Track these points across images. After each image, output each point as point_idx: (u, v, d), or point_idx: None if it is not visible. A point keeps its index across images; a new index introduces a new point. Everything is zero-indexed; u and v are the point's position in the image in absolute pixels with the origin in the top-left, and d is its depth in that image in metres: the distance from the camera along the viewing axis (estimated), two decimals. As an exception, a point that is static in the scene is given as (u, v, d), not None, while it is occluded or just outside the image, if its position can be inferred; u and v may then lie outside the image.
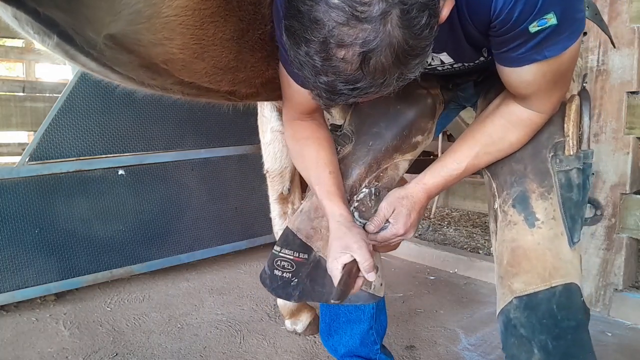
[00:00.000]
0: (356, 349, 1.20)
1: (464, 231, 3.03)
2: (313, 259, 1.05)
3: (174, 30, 0.80)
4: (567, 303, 0.83)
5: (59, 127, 1.91)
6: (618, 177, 1.78)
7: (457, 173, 0.92)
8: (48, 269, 1.89)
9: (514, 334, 0.86)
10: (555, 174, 0.87)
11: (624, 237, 1.78)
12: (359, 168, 1.04)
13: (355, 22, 0.59)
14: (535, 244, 0.85)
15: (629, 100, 1.74)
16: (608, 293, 1.82)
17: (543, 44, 0.72)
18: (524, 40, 0.72)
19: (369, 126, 1.06)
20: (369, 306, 1.16)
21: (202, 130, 2.31)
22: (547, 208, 0.86)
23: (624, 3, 1.71)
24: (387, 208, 0.93)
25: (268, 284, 1.07)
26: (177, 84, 0.97)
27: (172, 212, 2.23)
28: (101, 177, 2.02)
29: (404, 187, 0.95)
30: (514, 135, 0.87)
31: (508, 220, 0.89)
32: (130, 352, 1.57)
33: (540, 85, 0.79)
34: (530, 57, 0.74)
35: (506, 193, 0.90)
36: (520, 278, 0.85)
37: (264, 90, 1.08)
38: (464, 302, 2.00)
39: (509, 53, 0.76)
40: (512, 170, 0.91)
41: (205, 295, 2.06)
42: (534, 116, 0.85)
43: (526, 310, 0.84)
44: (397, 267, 2.45)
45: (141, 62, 0.88)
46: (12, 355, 1.54)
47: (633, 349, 1.59)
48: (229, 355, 1.56)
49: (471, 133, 0.91)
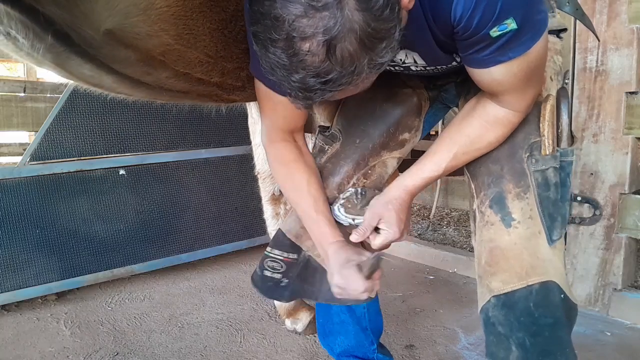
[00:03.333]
0: (352, 348, 1.20)
1: (464, 231, 3.03)
2: (302, 259, 1.05)
3: (168, 21, 0.82)
4: (544, 301, 0.84)
5: (60, 128, 1.92)
6: (617, 177, 1.78)
7: (436, 174, 0.93)
8: (49, 268, 1.90)
9: (492, 332, 0.87)
10: (531, 174, 0.88)
11: (623, 236, 1.79)
12: (346, 165, 1.04)
13: (312, 12, 0.60)
14: (512, 244, 0.86)
15: (628, 100, 1.75)
16: (607, 293, 1.82)
17: (506, 46, 0.73)
18: (487, 44, 0.74)
19: (356, 125, 1.07)
20: (359, 307, 1.17)
21: (203, 130, 2.31)
22: (523, 208, 0.87)
23: (623, 3, 1.72)
24: (372, 217, 0.93)
25: (259, 285, 1.08)
26: (172, 77, 0.99)
27: (172, 211, 2.24)
28: (102, 177, 2.02)
29: (385, 193, 0.96)
30: (491, 135, 0.88)
31: (485, 221, 0.90)
32: (131, 351, 1.58)
33: (512, 83, 0.80)
34: (495, 59, 0.76)
35: (484, 194, 0.92)
36: (498, 277, 0.87)
37: (250, 85, 1.10)
38: (464, 302, 2.00)
39: (475, 55, 0.77)
40: (490, 171, 0.92)
41: (206, 294, 2.07)
42: (510, 115, 0.86)
43: (504, 308, 0.86)
44: (397, 267, 2.46)
45: (139, 57, 0.88)
46: (13, 355, 1.55)
47: (632, 348, 1.60)
48: (229, 355, 1.57)
49: (449, 134, 0.92)
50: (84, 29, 0.79)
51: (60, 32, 0.78)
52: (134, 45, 0.85)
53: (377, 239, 0.94)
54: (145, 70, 0.94)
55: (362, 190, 1.01)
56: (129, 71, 0.94)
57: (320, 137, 1.10)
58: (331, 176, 1.04)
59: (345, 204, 0.99)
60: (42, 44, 0.79)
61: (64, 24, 0.77)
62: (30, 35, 0.77)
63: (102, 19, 0.76)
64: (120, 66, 0.92)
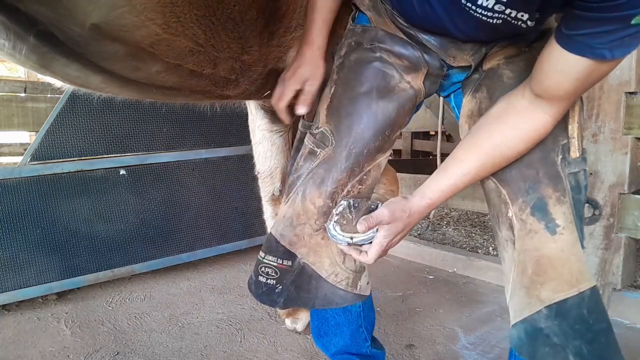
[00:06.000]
0: (347, 347, 1.19)
1: (463, 231, 3.04)
2: (297, 266, 1.03)
3: (154, 10, 0.80)
4: (596, 306, 0.83)
5: (61, 128, 1.92)
6: (616, 177, 1.78)
7: (463, 186, 0.88)
8: (50, 268, 1.91)
9: (547, 343, 0.84)
10: (566, 177, 0.86)
11: (622, 236, 1.79)
12: (340, 174, 0.98)
13: None
14: (560, 251, 0.83)
15: (627, 100, 1.75)
16: (607, 292, 1.82)
17: (626, 40, 0.63)
18: (614, 29, 0.62)
19: (349, 126, 0.98)
20: (355, 306, 1.15)
21: (203, 130, 2.32)
22: (565, 212, 0.84)
23: (622, 4, 1.72)
24: (388, 216, 0.88)
25: (253, 290, 1.06)
26: (163, 70, 0.96)
27: (173, 211, 2.24)
28: (103, 177, 2.03)
29: (409, 199, 0.90)
30: (522, 145, 0.84)
31: (528, 229, 0.86)
32: (131, 350, 1.58)
33: (580, 86, 0.74)
34: (600, 52, 0.66)
35: (522, 200, 0.86)
36: (548, 286, 0.83)
37: (243, 79, 1.08)
38: (463, 301, 2.00)
39: (585, 38, 0.65)
40: (524, 176, 0.87)
41: (206, 294, 2.07)
42: (548, 122, 0.81)
43: (557, 318, 0.82)
44: (396, 266, 2.46)
45: (127, 50, 0.86)
46: (14, 355, 1.56)
47: (632, 348, 1.60)
48: (229, 354, 1.57)
49: (477, 141, 0.86)
50: (69, 26, 0.76)
51: (45, 32, 0.76)
52: (121, 39, 0.82)
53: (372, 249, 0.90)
54: (134, 65, 0.92)
55: (355, 202, 0.96)
56: (118, 67, 0.91)
57: (310, 138, 1.03)
58: (323, 184, 0.98)
59: (340, 220, 0.94)
60: (25, 44, 0.76)
61: (48, 22, 0.75)
62: (11, 37, 0.74)
63: (87, 13, 0.74)
64: (109, 63, 0.89)
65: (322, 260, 1.03)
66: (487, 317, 1.84)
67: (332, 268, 1.03)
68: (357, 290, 1.06)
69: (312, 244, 1.01)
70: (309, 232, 1.00)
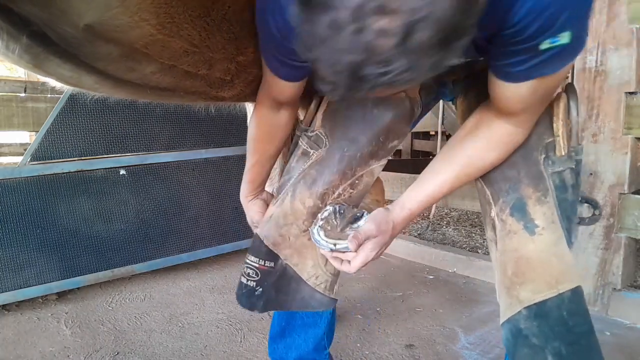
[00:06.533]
0: (308, 353, 1.17)
1: (463, 230, 3.04)
2: (279, 268, 1.01)
3: (148, 11, 0.80)
4: (577, 308, 0.82)
5: (61, 128, 1.92)
6: (616, 177, 1.78)
7: (438, 197, 0.88)
8: (49, 268, 1.91)
9: (526, 344, 0.84)
10: (549, 176, 0.85)
11: (622, 236, 1.79)
12: (332, 175, 0.97)
13: None
14: (539, 252, 0.83)
15: (627, 100, 1.75)
16: (607, 292, 1.83)
17: (547, 62, 0.66)
18: (529, 57, 0.66)
19: (343, 130, 0.99)
20: (326, 312, 1.13)
21: (203, 130, 2.32)
22: (545, 212, 0.84)
23: (622, 4, 1.72)
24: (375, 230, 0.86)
25: (236, 292, 1.04)
26: (157, 71, 0.96)
27: (173, 211, 2.24)
28: (103, 177, 2.03)
29: (390, 210, 0.89)
30: (493, 155, 0.84)
31: (507, 230, 0.86)
32: (131, 350, 1.58)
33: (532, 101, 0.75)
34: (529, 74, 0.69)
35: (502, 201, 0.87)
36: (527, 287, 0.83)
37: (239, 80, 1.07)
38: (463, 301, 2.01)
39: (509, 68, 0.70)
40: (506, 176, 0.87)
41: (206, 294, 2.07)
42: (517, 134, 0.82)
43: (536, 319, 0.82)
44: (396, 266, 2.46)
45: (121, 51, 0.86)
46: (14, 355, 1.56)
47: (632, 348, 1.60)
48: (229, 354, 1.57)
49: (450, 153, 0.87)
50: (62, 27, 0.76)
51: (38, 33, 0.75)
52: (115, 39, 0.82)
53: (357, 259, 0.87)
54: (129, 65, 0.91)
55: (341, 209, 0.95)
56: (112, 68, 0.91)
57: (304, 139, 1.03)
58: (314, 185, 0.98)
59: (325, 225, 0.92)
60: (18, 44, 0.75)
61: (42, 23, 0.74)
62: (4, 36, 0.74)
63: (81, 14, 0.73)
64: (102, 64, 0.89)
65: (306, 262, 1.02)
66: (487, 317, 1.84)
67: (314, 270, 1.03)
68: (332, 294, 1.06)
69: (297, 245, 1.01)
70: (295, 232, 1.00)
